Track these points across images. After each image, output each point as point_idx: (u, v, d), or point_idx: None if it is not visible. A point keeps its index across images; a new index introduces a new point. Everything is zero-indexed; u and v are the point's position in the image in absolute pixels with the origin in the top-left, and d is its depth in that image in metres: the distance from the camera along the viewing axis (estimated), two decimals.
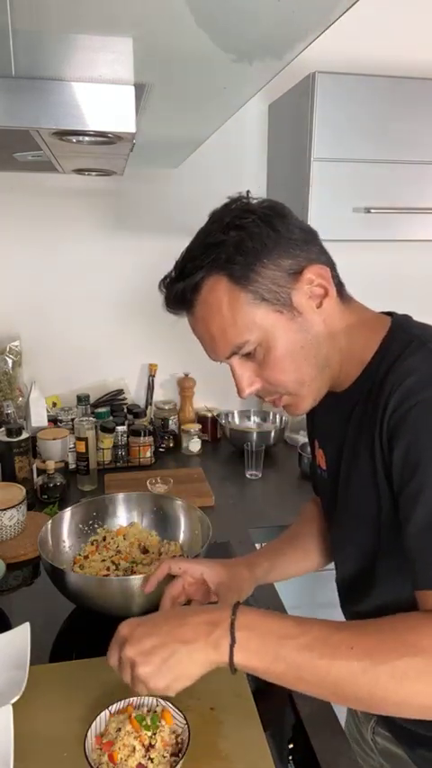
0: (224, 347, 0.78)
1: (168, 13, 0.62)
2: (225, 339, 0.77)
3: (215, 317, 0.76)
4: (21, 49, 0.67)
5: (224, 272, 0.74)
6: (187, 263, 0.77)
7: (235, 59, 0.78)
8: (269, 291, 0.74)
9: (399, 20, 1.81)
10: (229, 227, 0.74)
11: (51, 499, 1.54)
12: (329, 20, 0.64)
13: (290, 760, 0.80)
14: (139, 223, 1.90)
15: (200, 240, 0.78)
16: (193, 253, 0.77)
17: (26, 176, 1.77)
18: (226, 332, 0.76)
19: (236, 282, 0.74)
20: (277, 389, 0.80)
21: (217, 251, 0.74)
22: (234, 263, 0.73)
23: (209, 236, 0.76)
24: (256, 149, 1.90)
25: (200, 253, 0.76)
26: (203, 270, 0.75)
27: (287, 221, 0.77)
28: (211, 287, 0.75)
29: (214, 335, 0.77)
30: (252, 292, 0.74)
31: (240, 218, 0.75)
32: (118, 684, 0.90)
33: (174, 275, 0.80)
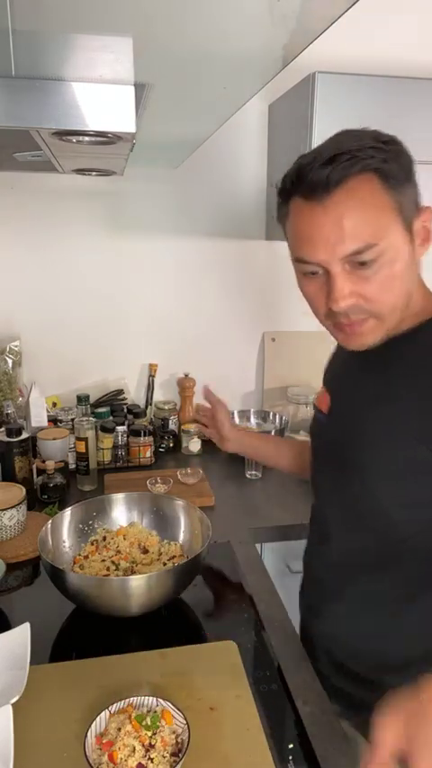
0: (350, 243, 0.75)
1: (168, 13, 0.62)
2: (355, 235, 0.74)
3: (355, 209, 0.74)
4: (21, 49, 0.67)
5: (379, 173, 0.74)
6: (342, 153, 0.75)
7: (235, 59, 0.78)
8: (408, 209, 0.77)
9: (399, 20, 1.81)
10: (382, 140, 0.77)
11: (51, 499, 1.54)
12: (329, 20, 0.64)
13: (290, 760, 0.80)
14: (138, 223, 1.90)
15: (352, 139, 0.77)
16: (347, 146, 0.76)
17: (26, 176, 1.77)
18: (360, 228, 0.74)
19: (388, 185, 0.75)
20: (370, 310, 0.79)
21: (375, 152, 0.75)
22: (392, 165, 0.75)
23: (362, 140, 0.76)
24: (256, 149, 1.90)
25: (356, 148, 0.75)
26: (360, 163, 0.74)
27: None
28: (362, 180, 0.74)
29: (344, 227, 0.74)
30: (397, 202, 0.75)
31: (389, 138, 0.78)
32: (118, 684, 0.90)
33: (323, 159, 0.76)
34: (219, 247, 1.96)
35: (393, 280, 0.77)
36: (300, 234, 0.79)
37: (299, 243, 0.80)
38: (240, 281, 1.99)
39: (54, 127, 0.75)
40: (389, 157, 0.76)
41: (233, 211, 1.95)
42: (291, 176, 0.79)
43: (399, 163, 0.77)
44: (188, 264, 1.97)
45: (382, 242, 0.75)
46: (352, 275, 0.77)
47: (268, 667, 0.97)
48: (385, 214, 0.75)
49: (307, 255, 0.78)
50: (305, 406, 1.99)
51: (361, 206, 0.74)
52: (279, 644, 1.03)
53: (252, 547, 1.36)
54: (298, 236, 0.80)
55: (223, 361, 2.07)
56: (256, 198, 1.94)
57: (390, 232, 0.75)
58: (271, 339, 2.07)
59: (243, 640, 1.02)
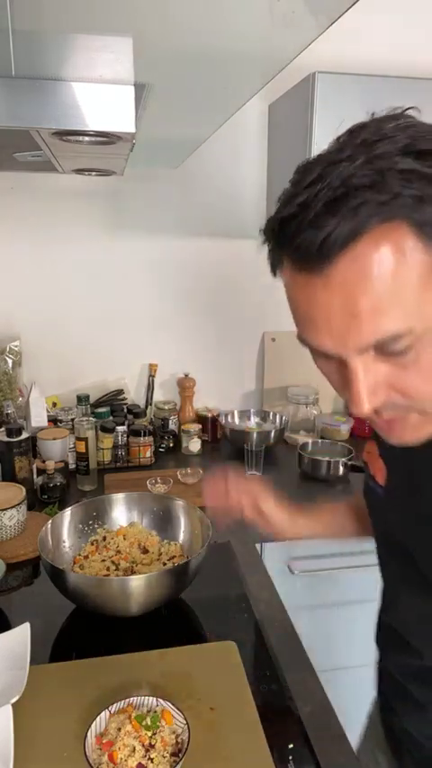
0: (368, 334, 0.50)
1: (168, 13, 0.62)
2: (376, 322, 0.50)
3: (373, 286, 0.48)
4: (21, 49, 0.67)
5: (413, 219, 0.47)
6: (346, 196, 0.47)
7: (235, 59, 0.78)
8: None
9: (399, 20, 1.81)
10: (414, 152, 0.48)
11: (51, 499, 1.54)
12: (329, 20, 0.64)
13: (290, 760, 0.80)
14: (139, 223, 1.90)
15: (363, 163, 0.48)
16: (354, 181, 0.47)
17: (26, 176, 1.77)
18: (383, 312, 0.49)
19: (427, 237, 0.48)
20: (410, 406, 0.56)
21: (402, 185, 0.47)
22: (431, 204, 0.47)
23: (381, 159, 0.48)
24: (256, 149, 1.90)
25: (371, 183, 0.47)
26: (376, 209, 0.47)
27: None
28: (383, 237, 0.48)
29: (358, 313, 0.50)
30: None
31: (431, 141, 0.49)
32: (118, 684, 0.90)
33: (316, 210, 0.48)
34: (219, 247, 1.96)
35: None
36: (297, 309, 0.56)
37: (297, 319, 0.56)
38: (240, 281, 1.99)
39: (54, 127, 0.75)
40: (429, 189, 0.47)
41: (233, 211, 1.94)
42: (272, 225, 0.54)
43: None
44: (188, 264, 1.97)
45: (419, 324, 0.50)
46: (379, 364, 0.53)
47: (268, 667, 0.97)
48: (421, 286, 0.49)
49: (310, 340, 0.55)
50: (305, 406, 1.99)
51: (380, 281, 0.48)
52: (279, 644, 1.03)
53: (252, 547, 1.36)
54: (295, 310, 0.56)
55: (223, 361, 2.07)
56: (256, 198, 1.94)
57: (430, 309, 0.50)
58: (271, 339, 2.07)
59: (243, 640, 1.02)
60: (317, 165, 0.51)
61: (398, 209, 0.47)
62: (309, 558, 1.51)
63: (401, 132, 0.50)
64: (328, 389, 2.34)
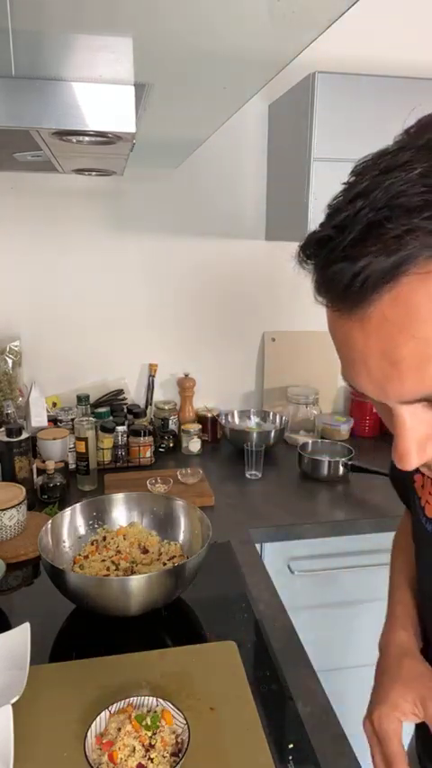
0: (415, 386, 0.43)
1: (168, 13, 0.62)
2: (423, 375, 0.42)
3: (418, 332, 0.41)
4: (21, 49, 0.67)
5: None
6: (392, 221, 0.39)
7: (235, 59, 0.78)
8: None
9: (398, 20, 1.81)
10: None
11: (51, 499, 1.54)
12: (329, 20, 0.64)
13: (290, 760, 0.80)
14: (138, 223, 1.90)
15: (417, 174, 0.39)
16: (406, 202, 0.39)
17: (26, 176, 1.77)
18: (431, 362, 0.42)
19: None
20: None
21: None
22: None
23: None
24: (256, 149, 1.90)
25: (423, 204, 0.38)
26: (427, 238, 0.39)
27: None
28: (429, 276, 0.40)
29: (400, 362, 0.42)
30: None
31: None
32: (118, 684, 0.90)
33: (351, 236, 0.40)
34: (219, 247, 1.96)
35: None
36: (336, 345, 0.48)
37: (339, 356, 0.49)
38: (240, 281, 2.00)
39: (54, 127, 0.75)
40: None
41: (233, 211, 1.95)
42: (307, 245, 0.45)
43: None
44: (188, 264, 1.97)
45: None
46: (429, 416, 0.46)
47: (268, 667, 0.97)
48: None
49: (351, 382, 0.48)
50: (305, 406, 1.99)
51: (425, 327, 0.41)
52: (279, 644, 1.03)
53: (252, 547, 1.36)
54: (335, 345, 0.49)
55: (223, 361, 2.07)
56: (256, 198, 1.94)
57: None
58: (271, 339, 2.07)
59: (243, 640, 1.02)
60: (370, 170, 0.42)
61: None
62: (309, 558, 1.51)
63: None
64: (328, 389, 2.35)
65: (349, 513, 1.52)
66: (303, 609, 1.50)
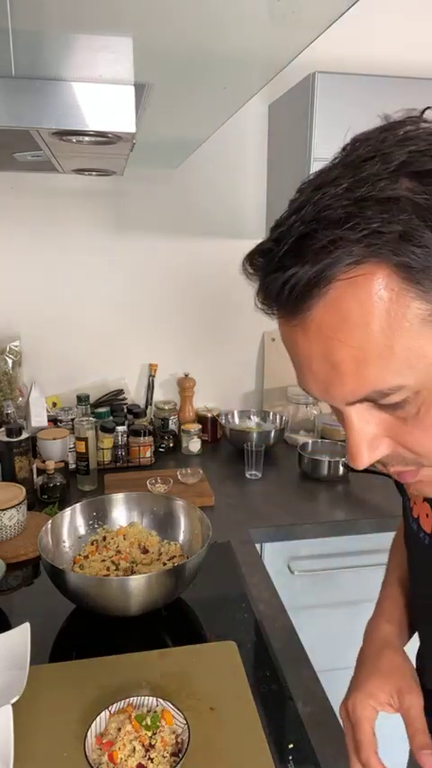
0: (353, 388, 0.45)
1: (168, 13, 0.62)
2: (360, 376, 0.44)
3: (352, 335, 0.42)
4: (21, 49, 0.67)
5: (394, 259, 0.40)
6: (318, 233, 0.41)
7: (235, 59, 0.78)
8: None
9: (399, 20, 1.81)
10: (408, 173, 0.41)
11: (51, 499, 1.54)
12: (329, 20, 0.64)
13: (290, 760, 0.80)
14: (139, 223, 1.90)
15: (345, 189, 0.42)
16: (330, 213, 0.41)
17: (26, 176, 1.77)
18: (366, 364, 0.43)
19: (413, 280, 0.41)
20: (418, 461, 0.49)
21: (384, 219, 0.40)
22: (418, 243, 0.40)
23: (364, 184, 0.41)
24: (256, 149, 1.90)
25: (345, 217, 0.41)
26: (352, 249, 0.41)
27: None
28: (361, 285, 0.41)
29: (339, 365, 0.44)
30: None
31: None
32: (118, 684, 0.90)
33: (283, 250, 0.43)
34: (219, 247, 1.96)
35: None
36: (286, 349, 0.50)
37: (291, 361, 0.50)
38: (240, 281, 1.99)
39: (54, 127, 0.75)
40: (416, 223, 0.40)
41: (233, 211, 1.95)
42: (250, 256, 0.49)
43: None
44: (188, 264, 1.97)
45: (412, 378, 0.43)
46: (378, 413, 0.47)
47: (268, 667, 0.97)
48: (414, 332, 0.42)
49: (302, 386, 0.50)
50: (305, 406, 1.99)
51: (361, 330, 0.42)
52: (279, 644, 1.03)
53: (252, 547, 1.36)
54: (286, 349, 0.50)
55: (223, 361, 2.07)
56: (256, 198, 1.94)
57: (426, 359, 0.43)
58: (271, 339, 2.07)
59: (243, 640, 1.02)
60: (307, 187, 0.45)
61: (375, 248, 0.40)
62: (309, 558, 1.51)
63: (400, 147, 0.42)
64: None
65: (349, 513, 1.52)
66: (303, 609, 1.50)
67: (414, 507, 0.70)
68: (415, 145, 0.42)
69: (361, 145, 0.45)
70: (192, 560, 1.05)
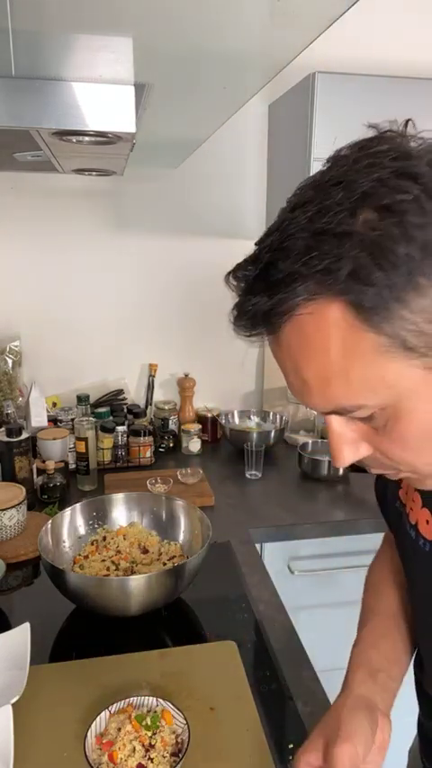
0: (321, 401, 0.48)
1: (168, 13, 0.62)
2: (325, 393, 0.47)
3: (314, 360, 0.46)
4: (21, 49, 0.67)
5: (345, 297, 0.42)
6: (278, 262, 0.44)
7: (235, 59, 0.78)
8: (418, 335, 0.43)
9: (399, 20, 1.81)
10: (369, 205, 0.42)
11: (51, 499, 1.54)
12: (329, 20, 0.64)
13: (290, 760, 0.80)
14: (138, 223, 1.90)
15: (307, 218, 0.43)
16: (291, 244, 0.43)
17: (26, 176, 1.77)
18: (329, 385, 0.46)
19: (363, 316, 0.42)
20: (396, 467, 0.52)
21: (335, 253, 0.42)
22: (367, 281, 0.41)
23: (323, 214, 0.42)
24: (256, 149, 1.90)
25: (304, 248, 0.43)
26: (307, 285, 0.43)
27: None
28: (316, 314, 0.44)
29: (307, 381, 0.48)
30: (389, 336, 0.43)
31: (394, 189, 0.41)
32: (118, 684, 0.90)
33: (253, 275, 0.47)
34: (219, 247, 1.96)
35: (418, 439, 0.48)
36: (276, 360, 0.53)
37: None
38: None
39: (54, 127, 0.75)
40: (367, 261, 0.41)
41: (233, 211, 1.94)
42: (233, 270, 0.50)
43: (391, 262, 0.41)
44: (188, 264, 1.97)
45: (372, 400, 0.46)
46: (352, 423, 0.50)
47: (268, 667, 0.97)
48: (367, 360, 0.44)
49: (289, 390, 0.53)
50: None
51: (320, 355, 0.45)
52: (279, 644, 1.03)
53: (252, 547, 1.36)
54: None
55: (223, 361, 2.07)
56: (256, 198, 1.94)
57: (383, 383, 0.45)
58: None
59: (243, 640, 1.02)
60: (282, 212, 0.47)
61: (327, 285, 0.42)
62: (309, 558, 1.51)
63: (366, 174, 0.42)
64: None
65: (349, 513, 1.52)
66: (303, 609, 1.50)
67: (411, 513, 0.69)
68: (379, 171, 0.42)
69: (335, 164, 0.46)
70: (192, 560, 1.05)
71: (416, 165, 0.42)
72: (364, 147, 0.45)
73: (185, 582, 1.07)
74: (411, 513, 0.70)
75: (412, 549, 0.70)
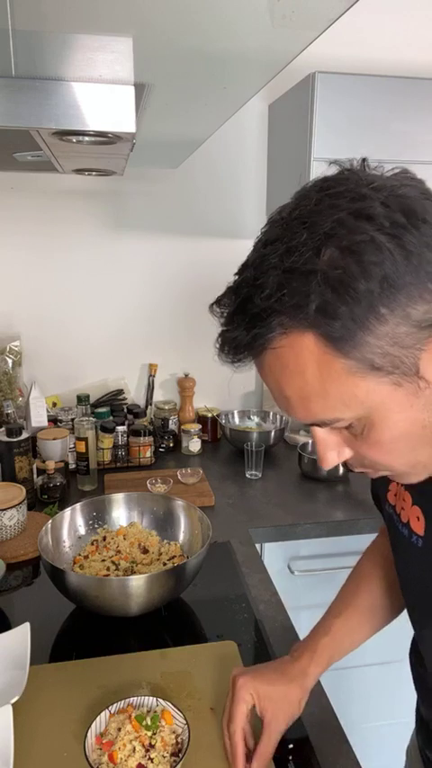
0: (303, 415, 0.54)
1: (168, 13, 0.62)
2: (306, 408, 0.53)
3: (293, 382, 0.52)
4: (21, 49, 0.67)
5: (313, 329, 0.48)
6: (254, 297, 0.49)
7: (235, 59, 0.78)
8: (384, 356, 0.48)
9: (399, 20, 1.81)
10: (331, 245, 0.46)
11: (51, 499, 1.54)
12: (329, 20, 0.64)
13: (290, 760, 0.80)
14: (139, 223, 1.90)
15: (278, 256, 0.48)
16: (264, 281, 0.48)
17: (26, 176, 1.77)
18: (310, 403, 0.52)
19: (333, 345, 0.48)
20: (374, 467, 0.58)
21: (303, 290, 0.46)
22: (333, 315, 0.46)
23: (291, 253, 0.47)
24: (256, 149, 1.90)
25: (276, 285, 0.47)
26: (281, 319, 0.48)
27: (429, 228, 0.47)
28: (291, 344, 0.49)
29: (289, 398, 0.53)
30: (357, 359, 0.48)
31: (352, 231, 0.46)
32: (118, 684, 0.90)
33: (233, 308, 0.52)
34: (219, 247, 1.96)
35: (392, 444, 0.54)
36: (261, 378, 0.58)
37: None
38: None
39: (54, 127, 0.75)
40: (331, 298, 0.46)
41: (233, 211, 1.95)
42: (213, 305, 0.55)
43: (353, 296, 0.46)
44: (188, 264, 1.97)
45: (348, 413, 0.52)
46: (335, 430, 0.56)
47: None
48: (340, 381, 0.49)
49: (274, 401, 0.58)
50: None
51: (298, 377, 0.51)
52: (279, 644, 1.03)
53: (252, 547, 1.36)
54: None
55: None
56: (256, 198, 1.94)
57: (356, 399, 0.50)
58: None
59: (243, 640, 1.02)
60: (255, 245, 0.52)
61: (298, 320, 0.47)
62: (309, 558, 1.51)
63: (328, 215, 0.47)
64: None
65: (349, 513, 1.52)
66: (303, 609, 1.50)
67: (402, 513, 0.73)
68: (338, 213, 0.47)
69: (300, 203, 0.50)
70: (192, 560, 1.05)
71: (371, 207, 0.47)
72: (323, 188, 0.50)
73: (185, 582, 1.07)
74: (403, 513, 0.73)
75: (406, 546, 0.72)
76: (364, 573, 0.92)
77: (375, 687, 1.61)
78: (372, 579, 0.90)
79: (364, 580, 0.91)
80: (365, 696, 1.61)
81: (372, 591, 0.89)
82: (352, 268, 0.45)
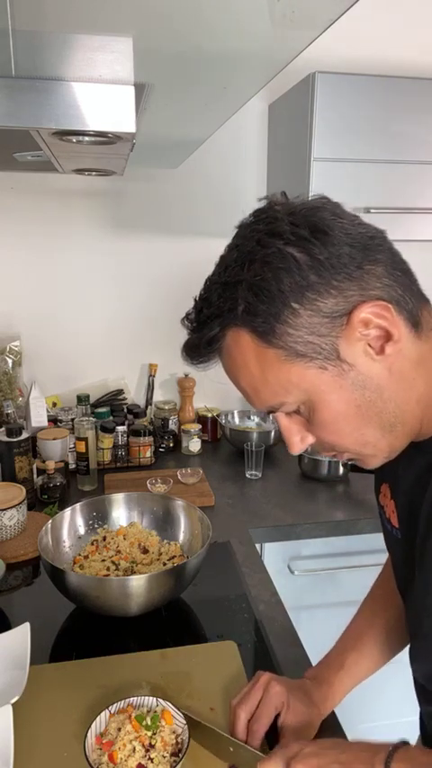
0: (257, 403, 0.65)
1: (168, 13, 0.62)
2: (258, 397, 0.64)
3: (242, 373, 0.63)
4: (21, 49, 0.67)
5: (244, 327, 0.60)
6: (203, 308, 0.63)
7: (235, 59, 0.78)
8: (305, 344, 0.58)
9: (399, 20, 1.81)
10: (250, 260, 0.59)
11: (51, 499, 1.54)
12: (329, 20, 0.64)
13: None
14: (139, 223, 1.90)
15: (218, 274, 0.63)
16: (209, 295, 0.62)
17: (26, 176, 1.77)
18: (258, 390, 0.63)
19: (260, 338, 0.59)
20: (335, 449, 0.66)
21: (233, 297, 0.59)
22: (255, 313, 0.58)
23: (227, 270, 0.61)
24: (256, 149, 1.90)
25: (216, 296, 0.61)
26: (219, 321, 0.61)
27: (332, 238, 0.57)
28: (233, 342, 0.62)
29: (245, 390, 0.65)
30: (282, 348, 0.59)
31: (265, 246, 0.58)
32: (118, 684, 0.91)
33: (191, 320, 0.65)
34: (219, 247, 1.95)
35: (335, 423, 0.62)
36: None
37: None
38: None
39: (54, 127, 0.75)
40: (252, 299, 0.58)
41: (233, 211, 1.93)
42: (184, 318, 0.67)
43: (267, 296, 0.57)
44: (188, 264, 1.96)
45: (289, 397, 0.61)
46: (292, 417, 0.65)
47: (268, 667, 0.97)
48: (275, 369, 0.60)
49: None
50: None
51: (245, 370, 0.62)
52: (279, 644, 1.03)
53: (252, 547, 1.36)
54: None
55: None
56: (256, 198, 1.94)
57: (292, 384, 0.60)
58: None
59: (243, 640, 1.02)
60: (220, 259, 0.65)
61: (233, 321, 0.60)
62: (309, 558, 1.51)
63: (249, 239, 0.60)
64: None
65: (349, 513, 1.52)
66: (303, 609, 1.50)
67: (386, 509, 0.79)
68: (258, 235, 0.59)
69: (237, 233, 0.64)
70: (192, 560, 1.05)
71: (279, 226, 0.58)
72: (246, 225, 0.63)
73: (185, 582, 1.07)
74: (387, 509, 0.79)
75: (392, 541, 0.79)
76: (377, 600, 0.94)
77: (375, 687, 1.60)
78: (385, 607, 0.91)
79: (378, 607, 0.93)
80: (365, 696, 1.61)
81: (387, 619, 0.90)
82: (267, 275, 0.57)
